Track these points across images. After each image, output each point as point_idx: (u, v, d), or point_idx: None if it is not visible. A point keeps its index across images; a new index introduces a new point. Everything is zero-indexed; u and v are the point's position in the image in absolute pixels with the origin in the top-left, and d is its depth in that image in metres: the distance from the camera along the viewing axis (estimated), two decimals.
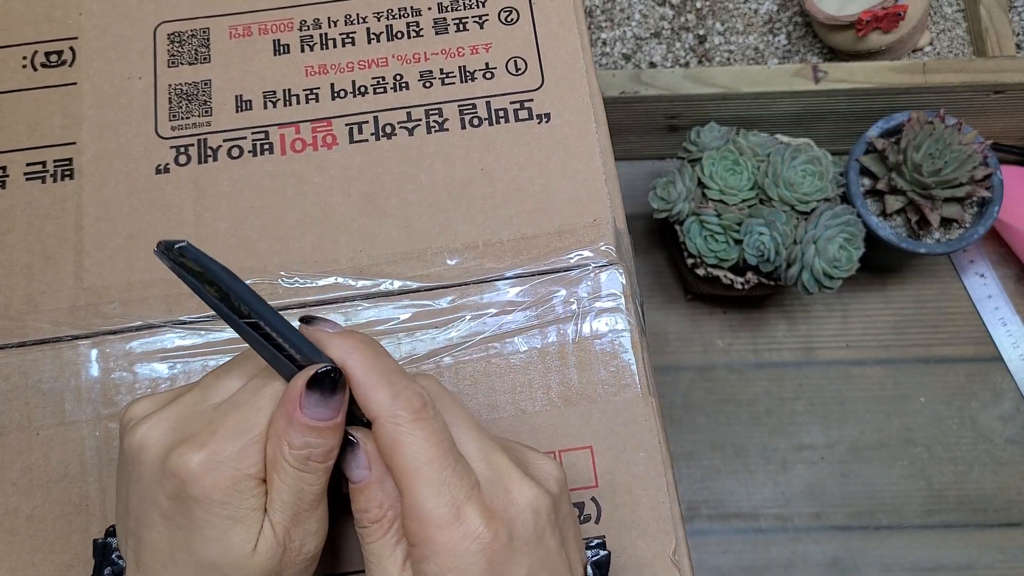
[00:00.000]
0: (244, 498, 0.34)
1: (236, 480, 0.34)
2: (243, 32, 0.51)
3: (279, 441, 0.35)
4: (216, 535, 0.34)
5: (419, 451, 0.33)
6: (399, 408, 0.34)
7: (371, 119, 0.50)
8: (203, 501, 0.34)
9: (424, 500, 0.33)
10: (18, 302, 0.47)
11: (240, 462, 0.34)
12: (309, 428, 0.34)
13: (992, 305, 0.87)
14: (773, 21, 0.90)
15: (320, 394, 0.35)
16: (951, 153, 0.73)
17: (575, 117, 0.49)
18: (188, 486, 0.34)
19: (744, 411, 0.86)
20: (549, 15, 0.51)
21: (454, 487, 0.33)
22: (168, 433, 0.36)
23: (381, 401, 0.34)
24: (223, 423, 0.35)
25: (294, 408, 0.34)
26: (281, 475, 0.35)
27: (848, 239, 0.74)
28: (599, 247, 0.47)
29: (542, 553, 0.35)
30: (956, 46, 0.88)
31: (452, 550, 0.33)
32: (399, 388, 0.35)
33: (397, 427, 0.34)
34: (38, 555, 0.44)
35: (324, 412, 0.35)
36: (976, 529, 0.82)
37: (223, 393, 0.37)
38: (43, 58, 0.51)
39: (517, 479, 0.35)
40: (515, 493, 0.35)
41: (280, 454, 0.35)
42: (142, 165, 0.49)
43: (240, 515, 0.34)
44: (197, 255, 0.34)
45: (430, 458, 0.33)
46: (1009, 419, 0.84)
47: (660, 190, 0.77)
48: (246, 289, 0.35)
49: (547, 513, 0.36)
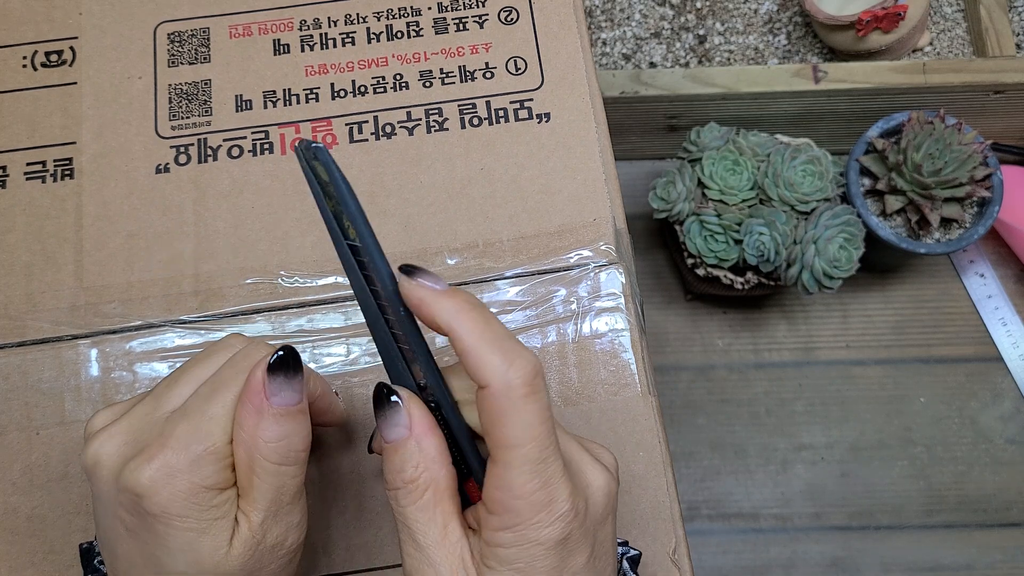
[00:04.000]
0: (204, 510, 0.33)
1: (193, 493, 0.33)
2: (243, 32, 0.51)
3: (253, 441, 0.34)
4: (182, 547, 0.33)
5: (528, 427, 0.32)
6: (514, 378, 0.32)
7: (371, 119, 0.50)
8: (161, 516, 0.33)
9: (521, 476, 0.32)
10: (18, 301, 0.47)
11: (195, 474, 0.33)
12: (282, 416, 0.34)
13: (992, 305, 0.87)
14: (773, 21, 0.90)
15: (284, 377, 0.34)
16: (951, 153, 0.73)
17: (575, 117, 0.49)
18: (144, 501, 0.33)
19: (744, 411, 0.86)
20: (549, 15, 0.51)
21: (551, 467, 0.32)
22: (121, 447, 0.35)
23: (495, 368, 0.32)
24: (173, 434, 0.34)
25: (261, 400, 0.33)
26: (261, 475, 0.34)
27: (848, 239, 0.74)
28: (599, 246, 0.47)
29: (603, 536, 0.35)
30: (956, 46, 0.88)
31: (536, 525, 0.32)
32: (513, 356, 0.32)
33: (509, 400, 0.32)
34: (38, 555, 0.44)
35: (292, 395, 0.34)
36: (976, 529, 0.82)
37: (175, 401, 0.36)
38: (43, 58, 0.51)
39: (590, 463, 0.35)
40: (589, 475, 0.35)
41: (257, 454, 0.34)
42: (142, 165, 0.49)
43: (203, 527, 0.33)
44: (327, 160, 0.33)
45: (536, 436, 0.32)
46: (1009, 419, 0.84)
47: (660, 190, 0.77)
48: (359, 212, 0.33)
49: (614, 498, 0.36)
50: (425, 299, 0.33)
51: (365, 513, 0.44)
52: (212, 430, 0.34)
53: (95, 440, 0.35)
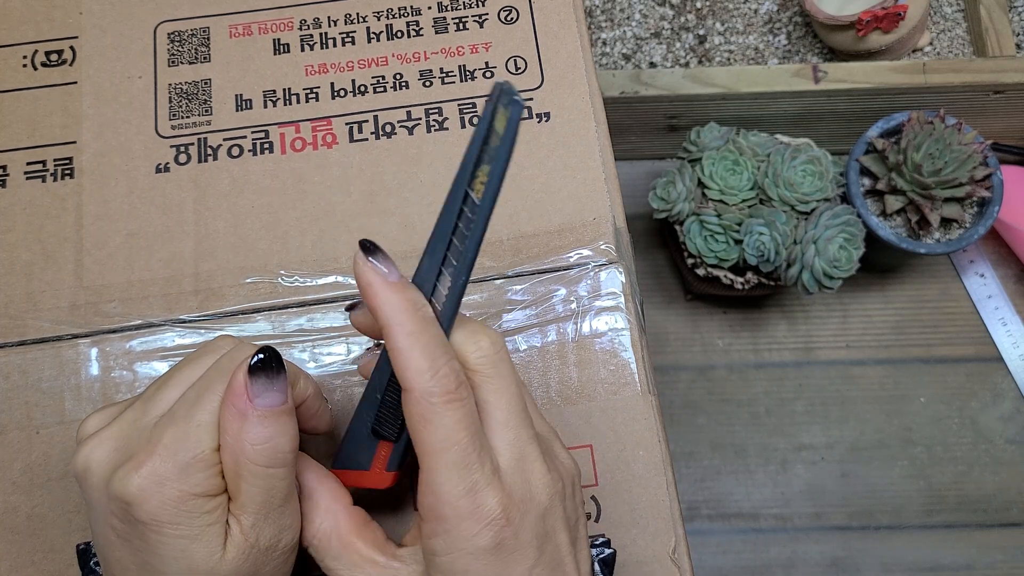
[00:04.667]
0: (195, 516, 0.33)
1: (182, 500, 0.33)
2: (243, 31, 0.51)
3: (239, 445, 0.33)
4: (175, 554, 0.33)
5: (447, 433, 0.32)
6: (435, 386, 0.33)
7: (371, 118, 0.50)
8: (152, 524, 0.33)
9: (444, 481, 0.33)
10: (18, 301, 0.47)
11: (184, 482, 0.33)
12: (266, 418, 0.33)
13: (992, 305, 0.87)
14: (773, 21, 0.90)
15: (266, 377, 0.34)
16: (951, 153, 0.73)
17: (575, 116, 0.49)
18: (133, 509, 0.33)
19: (744, 411, 0.86)
20: (549, 14, 0.51)
21: (475, 471, 0.33)
22: (110, 453, 0.34)
23: (419, 374, 0.32)
24: (160, 441, 0.33)
25: (244, 403, 0.33)
26: (248, 479, 0.34)
27: (848, 239, 0.74)
28: (599, 246, 0.47)
29: (551, 546, 0.35)
30: (956, 46, 0.88)
31: (464, 531, 0.33)
32: (439, 364, 0.33)
33: (430, 405, 0.32)
34: (38, 554, 0.44)
35: (276, 396, 0.34)
36: (976, 529, 0.82)
37: (163, 405, 0.35)
38: (43, 57, 0.51)
39: (540, 471, 0.35)
40: (534, 483, 0.35)
41: (244, 458, 0.33)
42: (142, 164, 0.49)
43: (195, 533, 0.33)
44: (516, 116, 0.34)
45: (456, 441, 0.32)
46: (1009, 419, 0.84)
47: (660, 190, 0.77)
48: (502, 175, 0.34)
49: (560, 507, 0.35)
50: (374, 284, 0.34)
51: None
52: (200, 436, 0.33)
53: (85, 446, 0.35)
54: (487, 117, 0.34)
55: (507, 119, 0.33)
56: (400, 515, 0.42)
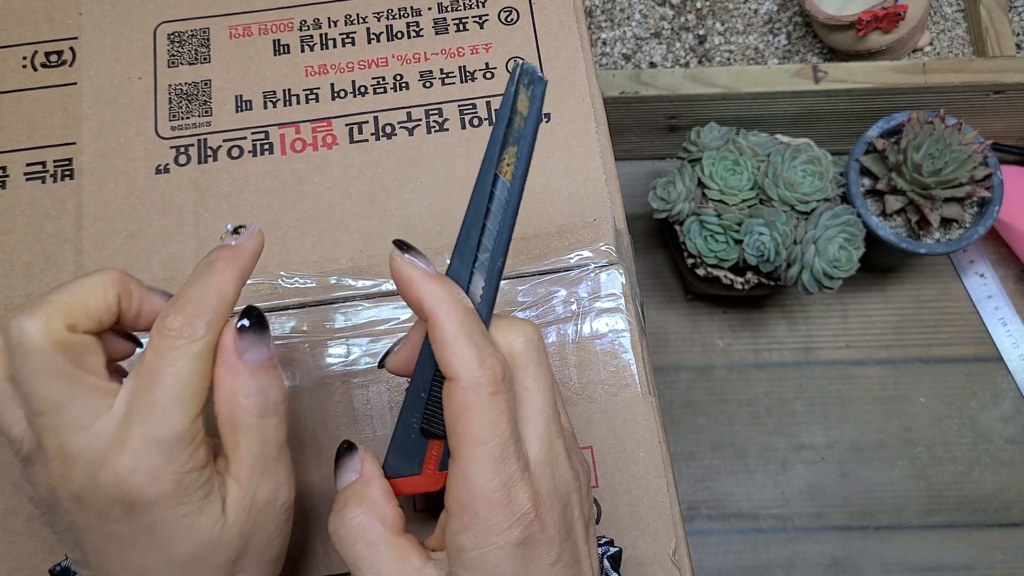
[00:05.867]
0: (193, 492, 0.33)
1: (179, 482, 0.33)
2: (243, 32, 0.51)
3: (233, 399, 0.34)
4: (183, 535, 0.34)
5: (489, 425, 0.32)
6: (483, 376, 0.32)
7: (371, 119, 0.50)
8: (158, 515, 0.33)
9: (480, 474, 0.32)
10: (18, 302, 0.47)
11: (175, 464, 0.33)
12: (255, 371, 0.35)
13: (992, 305, 0.87)
14: (773, 21, 0.90)
15: (254, 333, 0.35)
16: (951, 153, 0.73)
17: (575, 117, 0.49)
18: (137, 508, 0.33)
19: (744, 411, 0.86)
20: (549, 15, 0.51)
21: (511, 466, 0.33)
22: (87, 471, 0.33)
23: (469, 363, 0.33)
24: (132, 436, 0.33)
25: (235, 358, 0.34)
26: (244, 430, 0.35)
27: (848, 239, 0.74)
28: (599, 247, 0.47)
29: (570, 542, 0.35)
30: (956, 46, 0.88)
31: (495, 526, 0.32)
32: (486, 355, 0.33)
33: (476, 396, 0.32)
34: (38, 556, 0.44)
35: (262, 352, 0.35)
36: (976, 529, 0.82)
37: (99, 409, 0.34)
38: (43, 58, 0.51)
39: (564, 465, 0.35)
40: (559, 477, 0.35)
41: (238, 410, 0.34)
42: (142, 165, 0.49)
43: (197, 508, 0.34)
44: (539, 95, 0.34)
45: (499, 434, 0.32)
46: (1009, 419, 0.84)
47: (660, 190, 0.77)
48: (529, 155, 0.35)
49: (578, 503, 0.36)
50: (415, 279, 0.34)
51: None
52: (173, 417, 0.33)
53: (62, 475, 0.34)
54: (509, 98, 0.34)
55: (530, 98, 0.34)
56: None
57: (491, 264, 0.35)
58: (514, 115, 0.34)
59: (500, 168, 0.34)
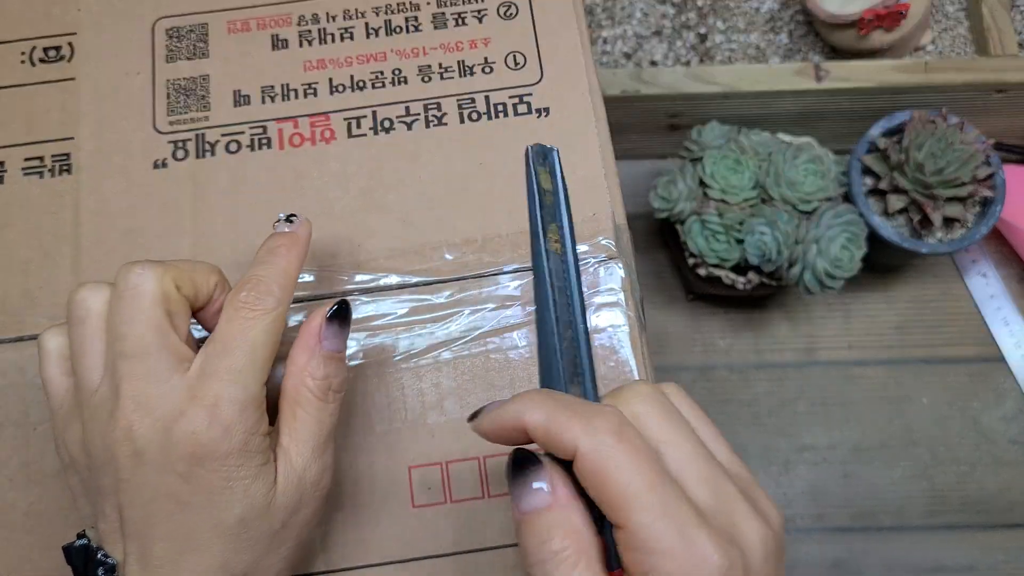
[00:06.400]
0: (254, 456, 0.36)
1: (246, 442, 0.35)
2: (241, 27, 0.51)
3: (301, 376, 0.38)
4: (239, 497, 0.35)
5: (633, 475, 0.30)
6: (600, 433, 0.31)
7: (369, 114, 0.49)
8: (221, 471, 0.35)
9: (648, 527, 0.30)
10: (16, 297, 0.47)
11: (246, 423, 0.35)
12: (328, 358, 0.38)
13: (995, 305, 0.87)
14: (775, 19, 0.90)
15: (338, 326, 0.39)
16: (953, 152, 0.73)
17: (574, 112, 0.49)
18: (204, 463, 0.35)
19: (746, 412, 0.86)
20: (548, 10, 0.51)
21: (679, 512, 0.30)
22: (156, 422, 0.35)
23: (578, 433, 0.31)
24: (210, 391, 0.35)
25: (315, 343, 0.38)
26: (305, 407, 0.38)
27: (850, 239, 0.74)
28: (598, 241, 0.47)
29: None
30: (958, 45, 0.88)
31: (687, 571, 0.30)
32: (591, 415, 0.31)
33: (602, 453, 0.30)
34: (35, 550, 0.44)
35: (339, 344, 0.39)
36: (979, 530, 0.81)
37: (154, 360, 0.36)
38: (41, 54, 0.51)
39: (744, 512, 0.32)
40: (743, 525, 0.32)
41: (304, 386, 0.38)
42: (140, 160, 0.49)
43: (254, 472, 0.36)
44: (554, 164, 0.38)
45: (648, 482, 0.30)
46: (1012, 419, 0.84)
47: (661, 189, 0.77)
48: (570, 225, 0.37)
49: (775, 553, 0.32)
50: (500, 415, 0.33)
51: (361, 510, 0.44)
52: (247, 380, 0.36)
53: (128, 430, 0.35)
54: (533, 181, 0.36)
55: (549, 172, 0.36)
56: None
57: (575, 335, 0.36)
58: (542, 195, 0.36)
59: (548, 245, 0.35)
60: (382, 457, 0.44)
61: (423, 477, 0.44)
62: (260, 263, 0.38)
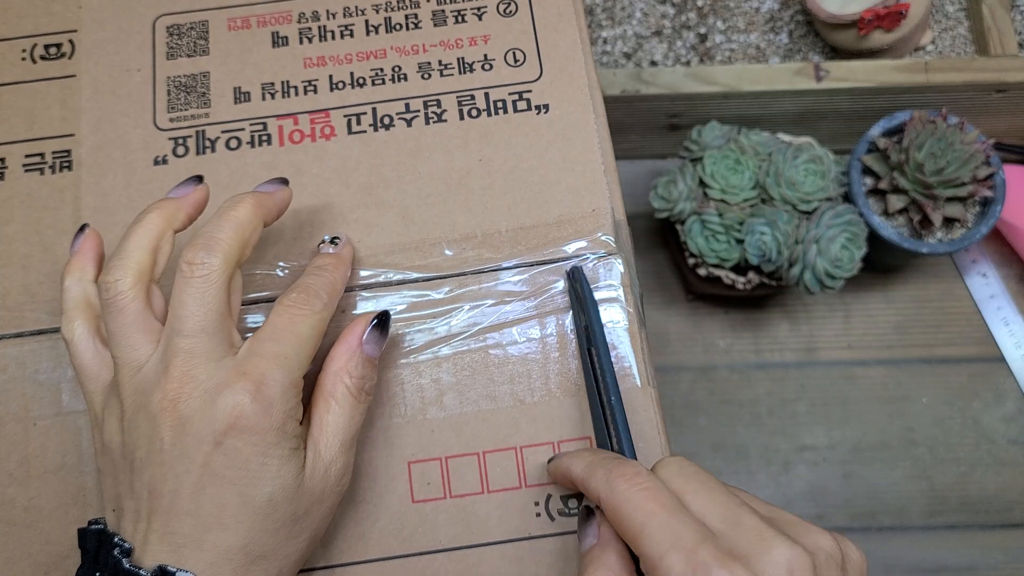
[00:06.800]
0: (289, 438, 0.38)
1: (284, 423, 0.37)
2: (242, 24, 0.52)
3: (340, 373, 0.40)
4: (271, 476, 0.37)
5: (640, 508, 0.35)
6: (614, 479, 0.36)
7: (369, 110, 0.50)
8: (258, 447, 0.37)
9: (654, 551, 0.34)
10: (16, 293, 0.47)
11: (285, 404, 0.38)
12: (366, 361, 0.41)
13: (995, 305, 0.87)
14: (775, 19, 0.90)
15: (380, 332, 0.42)
16: (953, 152, 0.73)
17: (574, 108, 0.49)
18: (244, 436, 0.36)
19: (745, 412, 0.86)
20: (548, 7, 0.51)
21: (684, 535, 0.33)
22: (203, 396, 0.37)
23: (600, 480, 0.37)
24: (256, 370, 0.37)
25: (357, 344, 0.41)
26: (340, 402, 0.40)
27: (850, 239, 0.74)
28: (598, 237, 0.47)
29: None
30: (958, 45, 0.88)
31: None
32: (612, 466, 0.37)
33: (618, 495, 0.35)
34: (35, 546, 0.44)
35: (377, 350, 0.42)
36: (979, 530, 0.81)
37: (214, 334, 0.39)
38: (42, 50, 0.51)
39: (770, 535, 0.34)
40: (765, 543, 0.34)
41: (341, 382, 0.40)
42: (140, 157, 0.49)
43: (287, 454, 0.38)
44: (582, 279, 0.45)
45: (651, 512, 0.34)
46: (1012, 420, 0.84)
47: (661, 189, 0.77)
48: (600, 327, 0.44)
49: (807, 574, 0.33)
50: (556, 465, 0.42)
51: (361, 505, 0.44)
52: (291, 366, 0.38)
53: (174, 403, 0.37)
54: (573, 295, 0.45)
55: (579, 284, 0.45)
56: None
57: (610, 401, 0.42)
58: (581, 303, 0.44)
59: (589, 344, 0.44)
60: (382, 452, 0.45)
61: (422, 472, 0.44)
62: (309, 275, 0.42)
